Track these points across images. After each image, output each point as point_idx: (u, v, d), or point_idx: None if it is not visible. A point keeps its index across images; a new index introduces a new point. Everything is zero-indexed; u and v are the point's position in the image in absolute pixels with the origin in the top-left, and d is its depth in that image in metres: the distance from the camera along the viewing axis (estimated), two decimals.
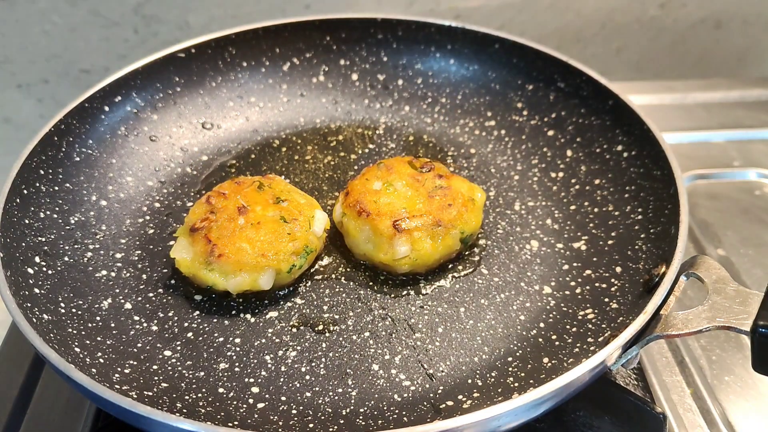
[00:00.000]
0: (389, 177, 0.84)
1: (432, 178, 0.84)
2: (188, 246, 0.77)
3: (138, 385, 0.68)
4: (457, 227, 0.80)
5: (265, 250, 0.75)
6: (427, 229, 0.79)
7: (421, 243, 0.78)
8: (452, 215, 0.80)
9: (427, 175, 0.84)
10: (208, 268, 0.75)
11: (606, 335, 0.71)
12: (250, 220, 0.77)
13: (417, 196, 0.82)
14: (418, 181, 0.83)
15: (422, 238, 0.78)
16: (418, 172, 0.84)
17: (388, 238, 0.78)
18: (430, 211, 0.80)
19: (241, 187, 0.82)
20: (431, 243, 0.79)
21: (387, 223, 0.79)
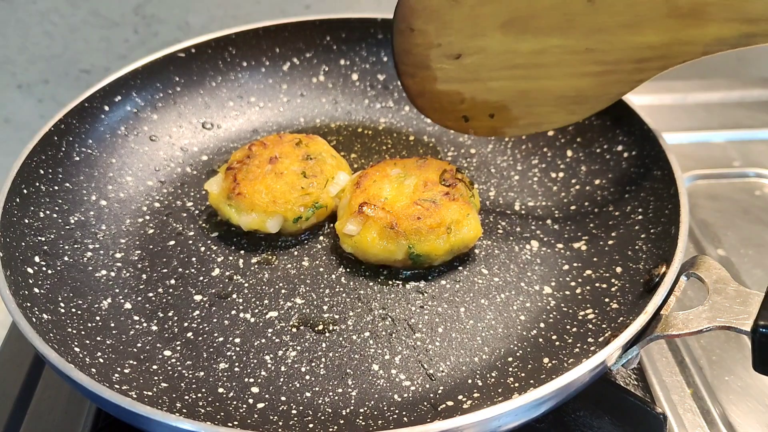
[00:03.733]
0: (409, 172, 0.84)
1: (440, 190, 0.82)
2: (220, 181, 0.85)
3: (138, 385, 0.67)
4: (408, 240, 0.78)
5: (277, 197, 0.83)
6: (380, 224, 0.79)
7: (368, 232, 0.79)
8: (410, 228, 0.78)
9: (439, 186, 0.82)
10: (228, 202, 0.83)
11: (606, 335, 0.71)
12: (276, 169, 0.85)
13: (409, 196, 0.81)
14: (426, 186, 0.82)
15: (371, 228, 0.79)
16: (438, 180, 0.83)
17: (350, 212, 0.80)
18: (397, 213, 0.79)
19: (282, 140, 0.89)
20: (375, 238, 0.79)
21: (359, 200, 0.80)
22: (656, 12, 0.73)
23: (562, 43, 0.77)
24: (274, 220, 0.82)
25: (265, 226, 0.83)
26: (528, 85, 0.81)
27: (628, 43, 0.75)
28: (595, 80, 0.79)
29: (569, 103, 0.81)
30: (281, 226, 0.84)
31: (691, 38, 0.73)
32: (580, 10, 0.75)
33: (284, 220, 0.83)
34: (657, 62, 0.76)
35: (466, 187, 0.83)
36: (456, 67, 0.82)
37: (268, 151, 0.87)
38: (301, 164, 0.85)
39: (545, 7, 0.76)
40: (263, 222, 0.82)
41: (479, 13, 0.78)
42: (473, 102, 0.84)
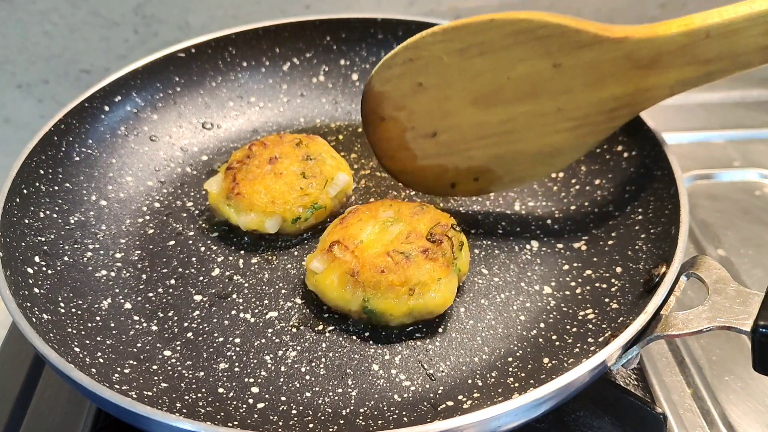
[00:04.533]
0: (401, 217, 0.78)
1: (420, 245, 0.74)
2: (220, 181, 0.85)
3: (138, 385, 0.67)
4: (365, 293, 0.72)
5: (276, 197, 0.82)
6: (343, 268, 0.73)
7: (330, 274, 0.74)
8: (370, 280, 0.72)
9: (423, 240, 0.75)
10: (227, 202, 0.83)
11: (606, 335, 0.71)
12: (275, 170, 0.84)
13: (386, 244, 0.75)
14: (409, 237, 0.75)
15: (334, 271, 0.74)
16: (425, 233, 0.76)
17: (322, 248, 0.76)
18: (364, 260, 0.73)
19: (282, 141, 0.89)
20: (334, 282, 0.73)
21: (334, 237, 0.76)
22: (619, 68, 0.75)
23: (530, 108, 0.78)
24: (272, 220, 0.82)
25: (263, 226, 0.83)
26: (502, 150, 0.81)
27: (594, 98, 0.77)
28: (568, 135, 0.80)
29: (547, 158, 0.82)
30: (280, 227, 0.83)
31: (655, 85, 0.76)
32: (546, 77, 0.76)
33: (283, 220, 0.83)
34: (625, 110, 0.78)
35: (452, 247, 0.75)
36: (433, 145, 0.82)
37: (268, 152, 0.87)
38: (301, 165, 0.85)
39: (512, 80, 0.77)
40: (262, 222, 0.82)
41: (446, 95, 0.79)
42: (457, 170, 0.84)
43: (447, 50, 0.76)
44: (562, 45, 0.74)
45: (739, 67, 0.74)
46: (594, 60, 0.75)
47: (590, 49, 0.74)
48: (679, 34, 0.73)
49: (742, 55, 0.72)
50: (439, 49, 0.76)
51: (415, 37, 0.76)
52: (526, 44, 0.75)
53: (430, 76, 0.78)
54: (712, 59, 0.73)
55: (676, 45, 0.73)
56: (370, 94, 0.80)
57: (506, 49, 0.75)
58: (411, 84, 0.78)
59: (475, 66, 0.76)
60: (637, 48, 0.74)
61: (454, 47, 0.76)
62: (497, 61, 0.76)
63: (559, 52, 0.75)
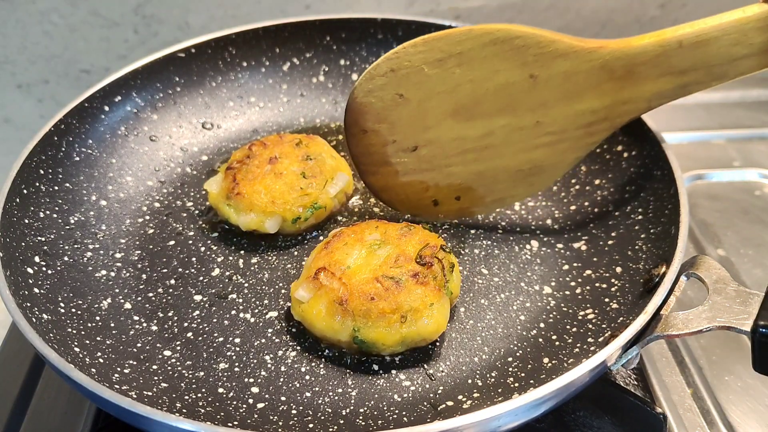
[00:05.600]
0: (388, 239, 0.75)
1: (410, 269, 0.72)
2: (220, 181, 0.85)
3: (138, 385, 0.68)
4: (355, 322, 0.69)
5: (275, 197, 0.82)
6: (330, 297, 0.70)
7: (317, 303, 0.71)
8: (359, 308, 0.69)
9: (412, 263, 0.72)
10: (227, 202, 0.83)
11: (606, 335, 0.71)
12: (275, 170, 0.84)
13: (374, 269, 0.72)
14: (397, 261, 0.72)
15: (321, 300, 0.71)
16: (414, 255, 0.73)
17: (307, 275, 0.73)
18: (352, 287, 0.70)
19: (282, 141, 0.88)
20: (321, 311, 0.70)
21: (320, 264, 0.73)
22: (594, 79, 0.76)
23: (508, 122, 0.79)
24: (272, 220, 0.83)
25: (263, 226, 0.83)
26: (482, 167, 0.82)
27: (571, 111, 0.78)
28: (547, 150, 0.80)
29: (527, 176, 0.82)
30: (280, 227, 0.83)
31: (631, 97, 0.77)
32: (524, 89, 0.77)
33: (283, 220, 0.83)
34: (603, 124, 0.78)
35: (443, 270, 0.72)
36: (414, 159, 0.82)
37: (268, 151, 0.87)
38: (301, 165, 0.85)
39: (490, 91, 0.77)
40: (262, 222, 0.82)
41: (427, 107, 0.79)
42: (438, 188, 0.84)
43: (427, 60, 0.77)
44: (538, 55, 0.75)
45: (714, 78, 0.76)
46: (569, 71, 0.76)
47: (565, 60, 0.75)
48: (652, 44, 0.74)
49: (715, 66, 0.74)
50: (419, 59, 0.77)
51: (396, 48, 0.77)
52: (502, 54, 0.76)
53: (411, 88, 0.78)
54: (686, 70, 0.75)
55: (649, 55, 0.74)
56: (353, 106, 0.80)
57: (484, 60, 0.76)
58: (392, 95, 0.79)
59: (455, 77, 0.77)
60: (611, 59, 0.75)
61: (434, 57, 0.76)
62: (475, 72, 0.77)
63: (535, 63, 0.76)
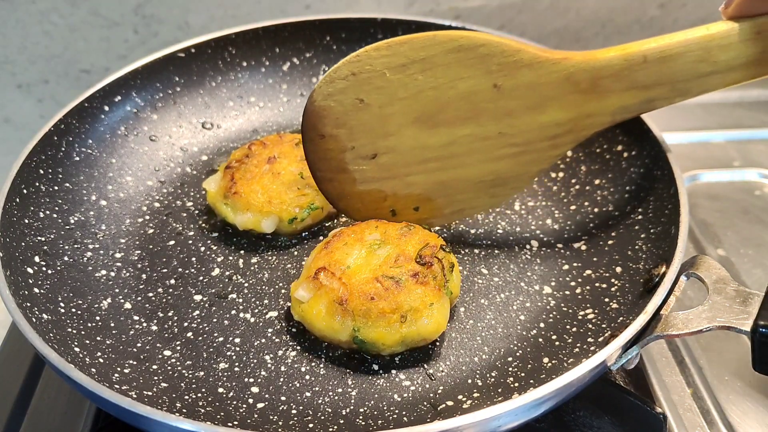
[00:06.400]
0: (388, 239, 0.75)
1: (410, 269, 0.72)
2: (218, 180, 0.85)
3: (138, 385, 0.68)
4: (355, 322, 0.69)
5: (272, 197, 0.83)
6: (330, 297, 0.70)
7: (317, 303, 0.71)
8: (359, 308, 0.69)
9: (412, 263, 0.72)
10: (224, 201, 0.84)
11: (606, 335, 0.71)
12: (273, 170, 0.85)
13: (374, 269, 0.72)
14: (397, 261, 0.72)
15: (321, 299, 0.70)
16: (414, 255, 0.73)
17: (307, 275, 0.73)
18: (352, 287, 0.70)
19: (282, 141, 0.88)
20: (321, 311, 0.70)
21: (320, 264, 0.73)
22: (559, 91, 0.75)
23: (472, 131, 0.77)
24: (269, 220, 0.82)
25: (260, 225, 0.83)
26: (444, 176, 0.80)
27: (536, 122, 0.77)
28: (511, 162, 0.79)
29: (489, 187, 0.81)
30: (276, 227, 0.83)
31: (596, 110, 0.76)
32: (487, 98, 0.76)
33: (279, 220, 0.83)
34: (568, 137, 0.78)
35: (443, 270, 0.72)
36: (373, 167, 0.79)
37: (267, 151, 0.87)
38: (299, 165, 0.85)
39: (453, 99, 0.76)
40: (258, 222, 0.82)
41: (388, 113, 0.76)
42: (396, 197, 0.81)
43: (390, 65, 0.74)
44: (503, 64, 0.74)
45: (678, 94, 0.75)
46: (534, 81, 0.75)
47: (530, 70, 0.75)
48: (617, 57, 0.74)
49: (680, 81, 0.74)
50: (382, 63, 0.74)
51: (358, 51, 0.74)
52: (466, 62, 0.74)
53: (373, 93, 0.76)
54: (650, 85, 0.74)
55: (614, 68, 0.74)
56: (311, 109, 0.77)
57: (447, 66, 0.74)
58: (353, 100, 0.76)
59: (417, 83, 0.75)
60: (576, 70, 0.75)
61: (397, 62, 0.74)
62: (438, 79, 0.75)
63: (500, 72, 0.74)
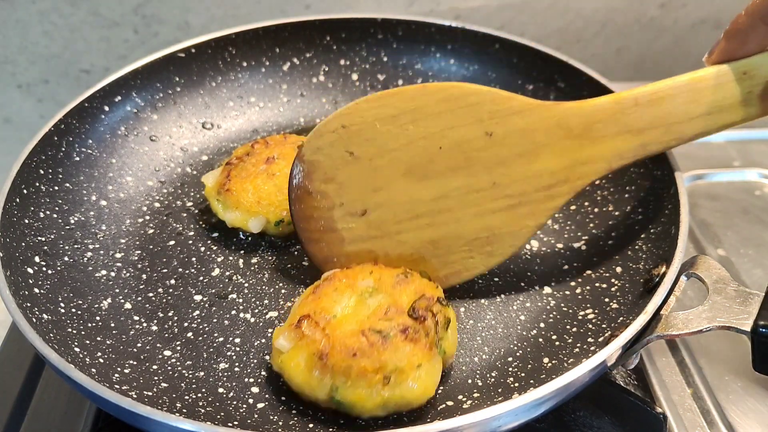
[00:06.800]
0: (381, 287, 0.70)
1: (401, 322, 0.65)
2: (217, 175, 0.86)
3: (138, 385, 0.68)
4: (334, 380, 0.63)
5: (262, 198, 0.82)
6: (311, 349, 0.64)
7: (296, 355, 0.65)
8: (340, 365, 0.63)
9: (404, 316, 0.66)
10: (217, 197, 0.84)
11: (606, 335, 0.71)
12: (270, 170, 0.84)
13: (362, 320, 0.66)
14: (388, 313, 0.66)
15: (301, 351, 0.65)
16: (408, 307, 0.67)
17: (290, 323, 0.68)
18: (335, 340, 0.64)
19: (286, 142, 0.88)
20: (300, 365, 0.65)
21: (305, 311, 0.68)
22: (552, 136, 0.74)
23: (464, 182, 0.75)
24: (256, 220, 0.82)
25: (247, 225, 0.83)
26: (437, 233, 0.76)
27: (529, 171, 0.74)
28: (505, 215, 0.75)
29: (484, 245, 0.76)
30: (263, 227, 0.83)
31: (590, 156, 0.74)
32: (479, 146, 0.74)
33: (266, 221, 0.83)
34: (563, 186, 0.74)
35: (436, 326, 0.66)
36: (362, 225, 0.76)
37: (268, 151, 0.87)
38: None
39: (444, 149, 0.74)
40: (245, 221, 0.82)
41: (378, 165, 0.75)
42: (387, 258, 0.77)
43: (380, 116, 0.74)
44: (494, 112, 0.73)
45: (673, 137, 0.74)
46: (526, 127, 0.74)
47: (521, 116, 0.74)
48: (608, 102, 0.74)
49: (673, 124, 0.73)
50: (372, 115, 0.74)
51: (349, 104, 0.75)
52: (458, 111, 0.73)
53: (363, 144, 0.75)
54: (644, 128, 0.74)
55: (606, 113, 0.74)
56: (300, 165, 0.76)
57: (438, 116, 0.74)
58: (342, 153, 0.75)
59: (408, 133, 0.74)
60: (568, 115, 0.74)
61: (388, 113, 0.74)
62: (429, 128, 0.74)
63: (491, 120, 0.73)
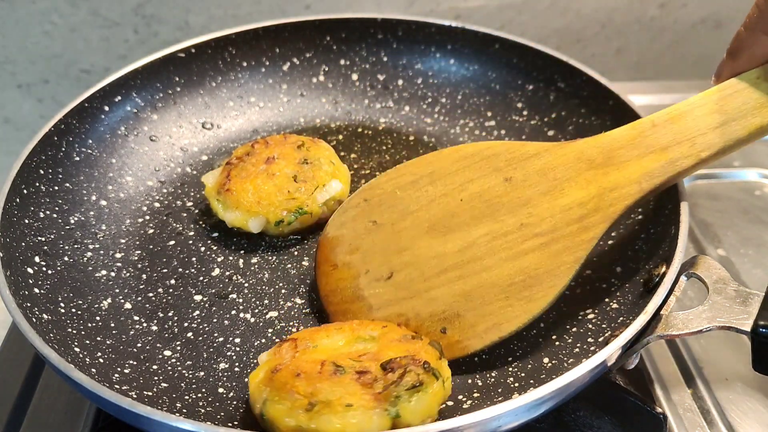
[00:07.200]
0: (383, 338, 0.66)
1: (364, 366, 0.60)
2: (217, 175, 0.86)
3: (138, 385, 0.68)
4: (270, 393, 0.60)
5: (262, 198, 0.82)
6: (271, 365, 0.62)
7: (260, 370, 0.63)
8: (280, 381, 0.60)
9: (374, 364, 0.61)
10: (217, 197, 0.84)
11: (606, 335, 0.71)
12: (269, 170, 0.84)
13: (334, 356, 0.62)
14: (361, 357, 0.62)
15: (265, 366, 0.63)
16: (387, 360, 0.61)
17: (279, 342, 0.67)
18: (294, 361, 0.61)
19: (286, 141, 0.88)
20: (257, 376, 0.63)
21: (296, 336, 0.66)
22: (573, 171, 0.72)
23: (490, 229, 0.72)
24: (256, 220, 0.82)
25: (246, 225, 0.82)
26: (468, 285, 0.71)
27: (557, 207, 0.71)
28: (539, 254, 0.71)
29: (521, 290, 0.70)
30: (263, 228, 0.83)
31: (618, 182, 0.71)
32: (500, 192, 0.73)
33: (266, 221, 0.82)
34: (596, 216, 0.70)
35: (398, 381, 0.59)
36: (389, 289, 0.73)
37: (268, 151, 0.86)
38: (295, 168, 0.84)
39: (465, 200, 0.74)
40: (245, 221, 0.82)
41: (401, 227, 0.75)
42: (418, 319, 0.72)
43: (399, 184, 0.76)
44: (510, 159, 0.74)
45: (701, 149, 0.70)
46: (545, 167, 0.73)
47: (538, 158, 0.73)
48: (625, 129, 0.73)
49: (698, 136, 0.71)
50: (392, 185, 0.77)
51: (371, 181, 0.78)
52: (473, 165, 0.75)
53: (385, 212, 0.76)
54: (668, 146, 0.71)
55: (625, 139, 0.73)
56: (325, 241, 0.77)
57: (456, 173, 0.75)
58: (365, 223, 0.76)
59: (428, 194, 0.75)
60: (586, 147, 0.73)
61: (406, 180, 0.76)
62: (448, 186, 0.75)
63: (508, 166, 0.74)
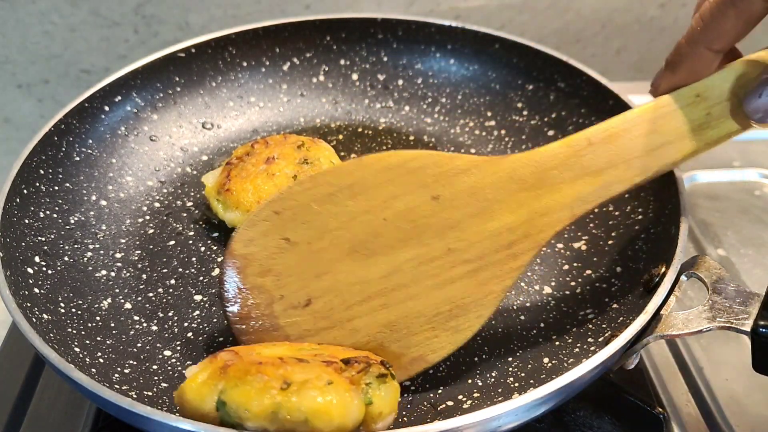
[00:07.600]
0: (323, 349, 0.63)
1: (327, 359, 0.59)
2: (217, 175, 0.86)
3: (138, 385, 0.68)
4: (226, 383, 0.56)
5: (262, 198, 0.81)
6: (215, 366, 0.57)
7: (196, 376, 0.58)
8: (239, 370, 0.55)
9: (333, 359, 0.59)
10: (217, 197, 0.84)
11: (606, 335, 0.71)
12: (269, 170, 0.83)
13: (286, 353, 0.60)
14: (316, 356, 0.60)
15: (204, 371, 0.58)
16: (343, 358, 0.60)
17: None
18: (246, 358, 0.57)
19: (286, 141, 0.87)
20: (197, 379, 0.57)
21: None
22: (504, 192, 0.67)
23: (416, 253, 0.67)
24: None
25: None
26: (393, 315, 0.67)
27: (485, 231, 0.67)
28: (467, 283, 0.67)
29: (447, 320, 0.67)
30: None
31: (549, 207, 0.68)
32: (427, 212, 0.67)
33: None
34: (525, 242, 0.68)
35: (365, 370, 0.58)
36: (308, 317, 0.67)
37: (268, 151, 0.86)
38: (295, 168, 0.84)
39: (390, 220, 0.67)
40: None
41: (319, 248, 0.67)
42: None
43: (315, 197, 0.67)
44: (438, 174, 0.67)
45: (636, 173, 0.69)
46: (475, 185, 0.67)
47: (468, 175, 0.67)
48: (559, 146, 0.69)
49: (633, 159, 0.68)
50: (306, 196, 0.67)
51: (282, 190, 0.68)
52: (399, 179, 0.67)
53: (299, 229, 0.67)
54: (603, 168, 0.68)
55: (559, 158, 0.68)
56: (231, 261, 0.67)
57: (378, 187, 0.67)
58: (277, 241, 0.67)
59: (348, 210, 0.67)
60: (518, 166, 0.68)
61: (323, 192, 0.67)
62: (370, 201, 0.67)
63: (436, 183, 0.67)
